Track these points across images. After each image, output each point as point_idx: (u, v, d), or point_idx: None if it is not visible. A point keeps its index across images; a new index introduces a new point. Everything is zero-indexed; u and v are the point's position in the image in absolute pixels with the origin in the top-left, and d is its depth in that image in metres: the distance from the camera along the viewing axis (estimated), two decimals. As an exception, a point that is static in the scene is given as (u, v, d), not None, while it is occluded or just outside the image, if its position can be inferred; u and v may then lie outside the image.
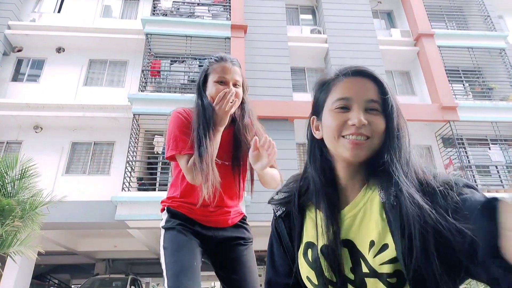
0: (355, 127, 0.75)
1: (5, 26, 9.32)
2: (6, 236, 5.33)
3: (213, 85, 1.44)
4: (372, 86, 0.79)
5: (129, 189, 7.46)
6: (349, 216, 0.78)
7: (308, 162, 0.88)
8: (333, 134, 0.78)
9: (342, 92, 0.80)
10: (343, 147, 0.77)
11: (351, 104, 0.78)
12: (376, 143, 0.76)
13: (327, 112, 0.82)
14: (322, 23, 10.66)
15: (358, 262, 0.73)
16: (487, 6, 11.12)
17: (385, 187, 0.74)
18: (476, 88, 10.30)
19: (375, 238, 0.72)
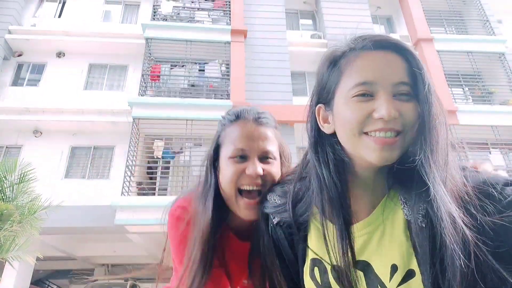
0: (383, 122, 0.57)
1: (6, 31, 9.34)
2: (5, 241, 5.30)
3: (226, 164, 0.89)
4: (400, 63, 0.60)
5: (128, 193, 7.43)
6: (365, 232, 0.64)
7: (315, 162, 0.67)
8: (353, 130, 0.60)
9: (362, 74, 0.60)
10: (366, 147, 0.59)
11: (376, 90, 0.59)
12: (408, 139, 0.59)
13: (343, 100, 0.62)
14: (322, 27, 10.69)
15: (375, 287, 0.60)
16: (486, 10, 11.16)
17: (413, 200, 0.58)
18: (475, 92, 10.30)
19: (398, 262, 0.58)
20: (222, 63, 9.44)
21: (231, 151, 0.87)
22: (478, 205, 0.53)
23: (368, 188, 0.66)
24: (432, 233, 0.54)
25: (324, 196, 0.65)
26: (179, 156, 8.75)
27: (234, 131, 0.90)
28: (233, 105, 8.32)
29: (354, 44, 0.63)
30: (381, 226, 0.62)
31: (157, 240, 9.60)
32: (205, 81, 9.32)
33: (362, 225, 0.64)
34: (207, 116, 8.19)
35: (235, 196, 0.85)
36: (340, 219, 0.62)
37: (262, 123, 0.93)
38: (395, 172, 0.61)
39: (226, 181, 0.86)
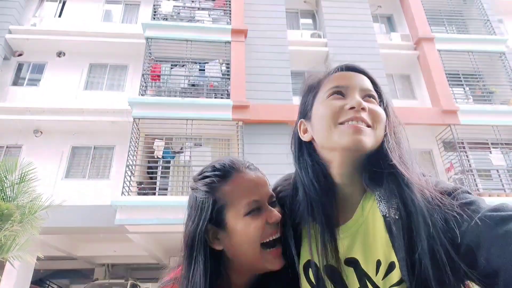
0: (354, 111, 0.65)
1: (6, 31, 9.34)
2: (5, 241, 5.30)
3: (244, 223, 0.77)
4: (367, 80, 0.73)
5: (129, 193, 7.43)
6: (350, 233, 0.68)
7: (298, 170, 0.75)
8: (328, 122, 0.67)
9: (336, 82, 0.72)
10: (341, 134, 0.65)
11: (347, 92, 0.70)
12: (380, 135, 0.67)
13: (319, 104, 0.72)
14: (322, 27, 10.68)
15: (365, 284, 0.64)
16: (487, 10, 11.14)
17: (386, 196, 0.64)
18: (476, 91, 10.29)
19: (381, 257, 0.63)
20: (222, 62, 9.44)
21: (245, 207, 0.75)
22: (439, 201, 0.61)
23: (347, 192, 0.72)
24: (405, 223, 0.60)
25: (307, 201, 0.71)
26: (179, 156, 8.75)
27: (236, 186, 0.78)
28: (233, 105, 8.32)
29: (329, 70, 0.77)
30: (363, 225, 0.67)
31: (157, 240, 9.61)
32: (205, 81, 9.32)
33: (347, 226, 0.69)
34: (207, 116, 8.20)
35: (259, 253, 0.75)
36: (321, 221, 0.68)
37: (256, 169, 0.84)
38: (369, 174, 0.68)
39: (249, 241, 0.75)
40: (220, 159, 0.84)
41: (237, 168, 0.80)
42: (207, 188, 0.78)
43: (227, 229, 0.76)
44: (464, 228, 0.56)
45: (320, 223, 0.68)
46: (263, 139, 8.25)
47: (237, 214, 0.75)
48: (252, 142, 8.23)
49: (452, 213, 0.58)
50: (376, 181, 0.67)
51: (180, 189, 8.22)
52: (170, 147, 8.63)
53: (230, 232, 0.76)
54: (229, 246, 0.77)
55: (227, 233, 0.76)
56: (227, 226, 0.76)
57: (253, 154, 7.90)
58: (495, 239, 0.51)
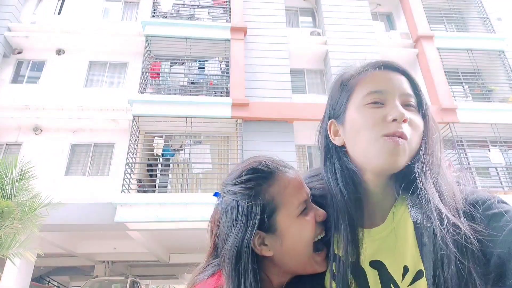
0: (396, 124, 0.62)
1: (5, 28, 9.33)
2: (5, 238, 5.32)
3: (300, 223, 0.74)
4: (406, 81, 0.68)
5: (128, 191, 7.45)
6: (381, 236, 0.68)
7: (324, 174, 0.73)
8: (369, 134, 0.63)
9: (374, 85, 0.66)
10: (381, 150, 0.62)
11: (386, 98, 0.65)
12: (414, 148, 0.64)
13: (356, 109, 0.67)
14: (322, 25, 10.67)
15: (388, 286, 0.64)
16: (486, 8, 11.15)
17: (417, 202, 0.63)
18: (475, 90, 10.31)
19: (409, 264, 0.62)
20: (222, 60, 9.45)
21: (298, 208, 0.72)
22: (469, 212, 0.60)
23: (379, 196, 0.70)
24: (434, 233, 0.59)
25: (332, 204, 0.70)
26: (179, 154, 8.77)
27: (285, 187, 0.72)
28: (232, 103, 8.33)
29: (363, 68, 0.71)
30: (394, 231, 0.66)
31: (157, 237, 9.65)
32: (205, 79, 9.32)
33: (377, 230, 0.69)
34: (207, 114, 8.21)
35: (311, 254, 0.72)
36: (346, 224, 0.67)
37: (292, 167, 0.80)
38: (402, 179, 0.66)
39: (303, 242, 0.72)
40: (255, 159, 0.77)
41: (280, 168, 0.75)
42: (253, 192, 0.71)
43: (278, 233, 0.71)
44: (495, 240, 0.55)
45: (345, 229, 0.67)
46: (263, 136, 8.27)
47: (290, 215, 0.71)
48: (252, 139, 8.25)
49: (481, 225, 0.57)
50: (409, 188, 0.65)
51: (180, 187, 8.25)
52: (169, 145, 8.64)
53: (282, 236, 0.71)
54: (279, 250, 0.71)
55: (277, 237, 0.71)
56: (278, 230, 0.71)
57: (253, 152, 7.92)
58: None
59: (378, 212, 0.70)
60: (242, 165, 0.77)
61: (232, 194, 0.72)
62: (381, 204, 0.70)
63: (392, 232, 0.67)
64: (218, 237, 0.73)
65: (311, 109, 8.85)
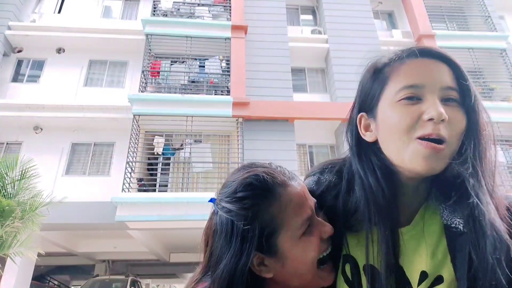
0: (433, 125, 0.56)
1: (5, 27, 9.32)
2: (6, 237, 5.33)
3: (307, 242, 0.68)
4: (447, 70, 0.60)
5: (129, 190, 7.44)
6: (404, 238, 0.62)
7: (361, 170, 0.65)
8: (401, 135, 0.58)
9: (409, 78, 0.60)
10: (414, 154, 0.57)
11: (423, 94, 0.58)
12: (453, 150, 0.58)
13: (388, 105, 0.61)
14: (323, 23, 10.64)
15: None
16: (487, 6, 11.10)
17: (454, 207, 0.58)
18: (477, 88, 10.26)
19: (428, 269, 0.59)
20: (223, 59, 9.42)
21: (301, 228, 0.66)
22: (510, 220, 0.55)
23: (410, 195, 0.65)
24: (471, 239, 0.54)
25: (370, 206, 0.63)
26: (179, 153, 8.76)
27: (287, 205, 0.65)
28: (233, 101, 8.31)
29: (400, 53, 0.64)
30: (419, 234, 0.62)
31: (157, 236, 9.65)
32: (205, 77, 9.30)
33: (407, 229, 0.64)
34: (207, 112, 8.19)
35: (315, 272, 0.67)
36: (387, 225, 0.61)
37: (294, 176, 0.73)
38: (437, 180, 0.61)
39: (307, 263, 0.66)
40: (252, 171, 0.67)
41: (280, 183, 0.66)
42: (249, 213, 0.63)
43: (278, 255, 0.65)
44: None
45: (382, 227, 0.61)
46: (263, 135, 8.26)
47: (292, 237, 0.65)
48: (252, 138, 8.23)
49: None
50: (445, 189, 0.60)
51: (180, 186, 8.24)
52: (170, 144, 8.63)
53: (284, 258, 0.65)
54: (281, 271, 0.66)
55: (278, 258, 0.65)
56: (279, 252, 0.65)
57: (253, 151, 7.91)
58: None
59: (405, 213, 0.65)
60: (238, 176, 0.68)
61: (227, 212, 0.64)
62: (409, 205, 0.65)
63: (416, 234, 0.62)
64: (211, 256, 0.66)
65: (312, 108, 8.83)
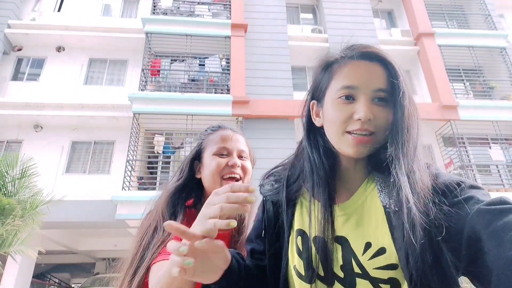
0: (361, 122, 0.68)
1: (5, 25, 9.30)
2: (7, 235, 5.34)
3: (211, 159, 1.09)
4: (381, 71, 0.71)
5: (129, 188, 7.46)
6: (347, 212, 0.73)
7: (308, 147, 0.79)
8: (337, 129, 0.71)
9: (347, 79, 0.72)
10: (346, 143, 0.70)
11: (357, 94, 0.71)
12: (380, 138, 0.70)
13: (330, 101, 0.74)
14: (323, 22, 10.64)
15: (349, 261, 0.69)
16: (487, 5, 11.09)
17: (387, 188, 0.68)
18: (476, 87, 10.27)
19: (372, 240, 0.68)
20: (223, 57, 9.42)
21: (216, 149, 1.10)
22: (441, 196, 0.63)
23: (349, 175, 0.77)
24: (403, 217, 0.62)
25: (314, 177, 0.75)
26: (179, 151, 8.77)
27: (217, 136, 1.13)
28: (233, 100, 8.31)
29: (345, 53, 0.75)
30: (359, 209, 0.72)
31: (158, 235, 9.64)
32: (205, 76, 9.30)
33: (343, 206, 0.74)
34: (207, 111, 8.19)
35: (219, 184, 1.05)
36: (325, 197, 0.72)
37: (237, 132, 1.19)
38: (373, 162, 0.73)
39: (211, 172, 1.07)
40: (219, 123, 1.23)
41: (222, 127, 1.18)
42: (202, 136, 1.20)
43: (200, 163, 1.14)
44: (463, 222, 0.57)
45: (323, 201, 0.72)
46: (263, 134, 8.26)
47: (210, 153, 1.11)
48: (252, 137, 8.23)
49: (452, 210, 0.60)
50: (380, 171, 0.71)
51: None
52: (170, 142, 8.64)
53: (201, 165, 1.13)
54: (203, 174, 1.11)
55: (203, 164, 1.12)
56: (199, 161, 1.14)
57: (254, 149, 7.89)
58: (493, 232, 0.52)
59: (347, 188, 0.76)
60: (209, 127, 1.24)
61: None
62: (351, 181, 0.76)
63: (358, 208, 0.72)
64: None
65: (312, 107, 8.84)
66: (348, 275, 0.68)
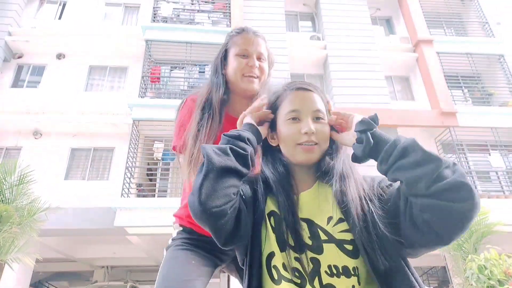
0: (307, 135, 0.92)
1: (6, 33, 9.35)
2: (4, 243, 5.29)
3: (235, 59, 1.30)
4: (316, 97, 0.97)
5: (128, 195, 7.43)
6: (308, 199, 0.94)
7: (264, 162, 1.02)
8: (290, 142, 0.94)
9: (292, 104, 0.96)
10: (299, 153, 0.93)
11: (301, 115, 0.95)
12: (324, 147, 0.95)
13: (282, 122, 0.97)
14: (322, 29, 10.71)
15: (316, 232, 0.87)
16: (485, 12, 11.20)
17: (333, 179, 0.93)
18: (475, 94, 10.32)
19: (332, 214, 0.89)
20: (222, 64, 9.44)
21: (238, 51, 1.31)
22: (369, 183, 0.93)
23: (308, 175, 0.99)
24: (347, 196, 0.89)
25: (274, 179, 0.96)
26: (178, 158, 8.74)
27: (240, 39, 1.32)
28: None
29: (287, 87, 1.02)
30: (317, 195, 0.95)
31: (157, 242, 9.59)
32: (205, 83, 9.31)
33: (306, 195, 0.95)
34: (207, 118, 8.19)
35: (240, 80, 1.29)
36: (283, 194, 0.92)
37: (259, 35, 1.35)
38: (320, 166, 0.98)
39: (234, 70, 1.30)
40: (244, 26, 1.40)
41: (246, 30, 1.35)
42: (228, 37, 1.39)
43: (226, 62, 1.35)
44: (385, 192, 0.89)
45: (284, 194, 0.92)
46: (263, 141, 8.25)
47: (233, 54, 1.32)
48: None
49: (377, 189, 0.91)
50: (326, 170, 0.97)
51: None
52: (169, 149, 8.63)
53: (227, 65, 1.35)
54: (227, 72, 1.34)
55: (226, 65, 1.35)
56: (226, 61, 1.35)
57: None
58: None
59: (306, 184, 0.97)
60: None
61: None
62: (306, 179, 0.98)
63: (316, 196, 0.94)
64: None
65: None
66: (316, 243, 0.86)
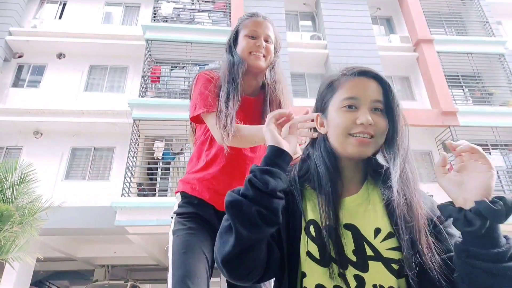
0: (363, 126, 0.81)
1: (6, 32, 9.36)
2: (5, 242, 5.30)
3: (244, 39, 1.41)
4: (377, 86, 0.85)
5: (128, 194, 7.44)
6: (353, 204, 0.84)
7: (314, 152, 0.91)
8: (342, 132, 0.83)
9: (349, 92, 0.85)
10: (350, 144, 0.82)
11: (359, 104, 0.83)
12: (379, 142, 0.84)
13: (334, 110, 0.86)
14: (322, 29, 10.71)
15: (361, 246, 0.78)
16: (485, 12, 11.18)
17: (385, 186, 0.83)
18: (475, 93, 10.31)
19: (381, 226, 0.79)
20: (222, 64, 9.45)
21: (247, 32, 1.41)
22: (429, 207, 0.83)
23: (354, 173, 0.88)
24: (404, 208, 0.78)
25: (317, 175, 0.86)
26: (179, 157, 8.76)
27: (250, 21, 1.42)
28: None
29: (346, 72, 0.88)
30: (366, 201, 0.84)
31: (157, 241, 9.61)
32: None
33: (352, 198, 0.85)
34: (207, 117, 8.20)
35: (248, 58, 1.39)
36: (328, 193, 0.82)
37: (268, 20, 1.45)
38: (372, 164, 0.88)
39: (242, 49, 1.40)
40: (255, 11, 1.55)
41: (256, 14, 1.47)
42: (239, 20, 1.49)
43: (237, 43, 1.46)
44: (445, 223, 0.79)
45: (327, 194, 0.82)
46: (263, 140, 8.26)
47: (242, 34, 1.44)
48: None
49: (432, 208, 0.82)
50: (377, 172, 0.86)
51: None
52: (170, 149, 8.64)
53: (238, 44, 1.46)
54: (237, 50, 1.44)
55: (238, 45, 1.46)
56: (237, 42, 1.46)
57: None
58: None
59: (353, 186, 0.87)
60: None
61: None
62: (354, 179, 0.88)
63: (364, 201, 0.84)
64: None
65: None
66: (361, 259, 0.77)
